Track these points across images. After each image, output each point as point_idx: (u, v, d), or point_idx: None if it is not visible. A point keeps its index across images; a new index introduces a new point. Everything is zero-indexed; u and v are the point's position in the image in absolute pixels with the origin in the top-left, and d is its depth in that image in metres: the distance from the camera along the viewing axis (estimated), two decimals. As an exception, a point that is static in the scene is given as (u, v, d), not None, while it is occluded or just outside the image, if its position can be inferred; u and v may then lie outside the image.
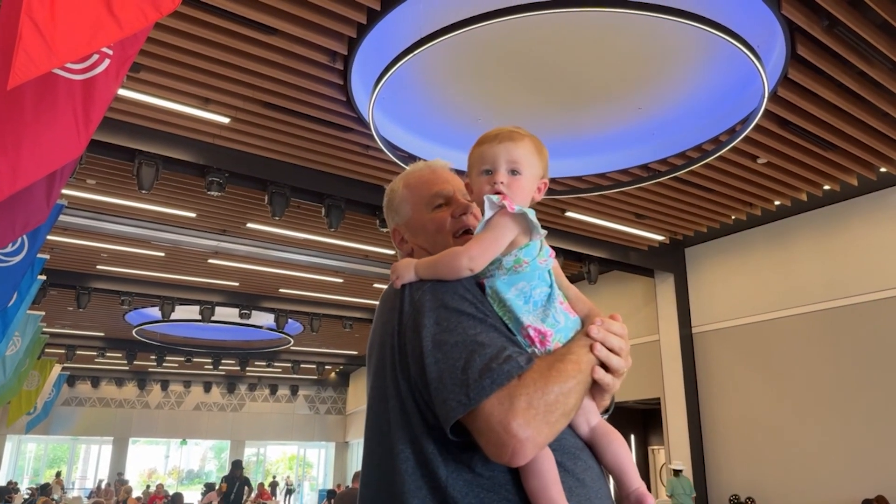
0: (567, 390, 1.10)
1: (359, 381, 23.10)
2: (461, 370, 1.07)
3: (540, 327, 1.16)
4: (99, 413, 21.69)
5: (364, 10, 4.68)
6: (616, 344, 1.17)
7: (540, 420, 1.06)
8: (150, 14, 1.83)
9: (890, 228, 7.80)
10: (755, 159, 6.76)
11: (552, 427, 1.08)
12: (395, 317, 1.18)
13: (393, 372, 1.16)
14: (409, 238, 1.48)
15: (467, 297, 1.17)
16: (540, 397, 1.07)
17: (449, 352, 1.09)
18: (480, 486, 1.10)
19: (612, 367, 1.15)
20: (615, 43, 5.24)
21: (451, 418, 1.06)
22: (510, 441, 1.04)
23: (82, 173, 7.10)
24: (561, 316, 1.18)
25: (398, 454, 1.13)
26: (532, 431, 1.05)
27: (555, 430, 1.09)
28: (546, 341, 1.16)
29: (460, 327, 1.12)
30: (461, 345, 1.10)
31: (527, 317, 1.16)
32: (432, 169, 1.54)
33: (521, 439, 1.04)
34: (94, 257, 10.72)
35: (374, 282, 12.02)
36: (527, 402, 1.06)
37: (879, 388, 7.60)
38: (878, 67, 5.20)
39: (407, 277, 1.20)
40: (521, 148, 1.26)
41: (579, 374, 1.12)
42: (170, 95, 5.72)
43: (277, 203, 7.14)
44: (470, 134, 6.54)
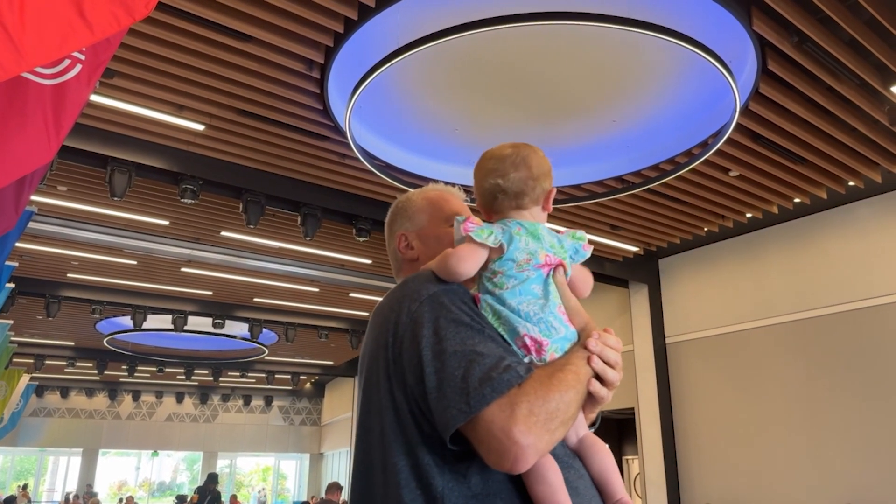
0: (568, 400, 1.12)
1: (334, 391, 22.92)
2: (461, 379, 1.09)
3: (536, 336, 1.18)
4: (68, 424, 21.28)
5: (341, 19, 4.68)
6: (612, 357, 1.21)
7: (541, 427, 1.08)
8: (123, 19, 1.82)
9: (858, 241, 7.94)
10: (727, 172, 6.86)
11: (552, 435, 1.10)
12: (390, 329, 1.20)
13: (388, 383, 1.18)
14: (416, 245, 1.55)
15: (464, 308, 1.19)
16: (541, 405, 1.09)
17: (448, 361, 1.11)
18: (476, 497, 1.11)
19: (607, 380, 1.20)
20: (591, 56, 5.30)
21: (452, 426, 1.07)
22: (512, 447, 1.05)
23: (53, 179, 7.00)
24: (559, 325, 1.20)
25: (393, 466, 1.14)
26: (533, 438, 1.07)
27: (555, 439, 1.10)
28: (542, 350, 1.18)
29: (458, 337, 1.14)
30: (460, 354, 1.11)
31: (522, 326, 1.18)
32: (451, 192, 1.65)
33: (522, 446, 1.06)
34: (65, 265, 10.55)
35: (350, 291, 11.97)
36: (528, 410, 1.08)
37: (849, 398, 7.71)
38: (846, 83, 5.31)
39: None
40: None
41: (578, 384, 1.15)
42: (143, 102, 5.67)
43: (252, 211, 7.10)
44: (447, 144, 6.58)
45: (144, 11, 1.84)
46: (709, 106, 5.88)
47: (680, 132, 6.25)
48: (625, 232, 8.64)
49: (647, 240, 9.08)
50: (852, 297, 7.90)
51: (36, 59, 1.69)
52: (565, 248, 1.29)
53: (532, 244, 1.25)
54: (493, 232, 1.24)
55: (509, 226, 1.26)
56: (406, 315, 1.19)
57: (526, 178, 1.31)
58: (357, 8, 4.58)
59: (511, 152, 1.35)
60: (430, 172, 6.87)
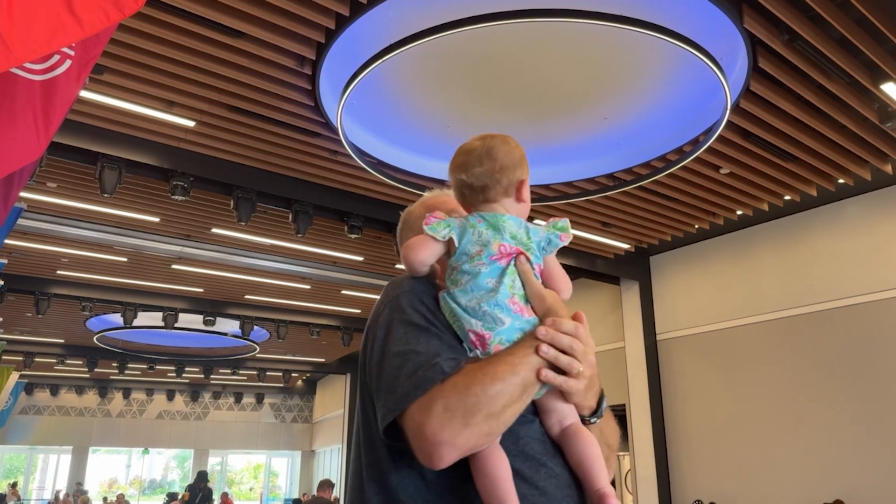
0: (494, 393, 1.10)
1: (326, 388, 22.90)
2: (393, 378, 1.13)
3: (478, 330, 1.17)
4: (58, 422, 21.18)
5: (333, 16, 4.67)
6: (565, 343, 1.16)
7: (457, 423, 1.08)
8: (113, 15, 1.80)
9: (847, 238, 7.99)
10: (718, 170, 6.88)
11: (474, 429, 1.09)
12: (366, 332, 1.27)
13: (360, 385, 1.25)
14: None
15: (419, 308, 1.22)
16: (458, 400, 1.09)
17: (389, 362, 1.15)
18: (429, 491, 1.13)
19: (562, 368, 1.15)
20: (583, 53, 5.31)
21: (382, 425, 1.12)
22: (426, 445, 1.08)
23: (42, 176, 6.95)
24: (505, 317, 1.18)
25: (361, 463, 1.21)
26: (447, 434, 1.08)
27: (479, 432, 1.09)
28: (486, 344, 1.17)
29: (404, 338, 1.17)
30: (400, 355, 1.15)
31: (467, 321, 1.18)
32: (448, 194, 1.57)
33: (434, 443, 1.07)
34: (55, 262, 10.49)
35: (341, 288, 11.95)
36: (443, 406, 1.09)
37: (839, 394, 7.76)
38: (837, 81, 5.34)
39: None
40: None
41: (513, 375, 1.12)
42: (134, 98, 5.64)
43: (243, 208, 7.07)
44: (439, 141, 6.57)
45: (134, 7, 1.83)
46: (700, 104, 5.90)
47: (671, 130, 6.27)
48: (616, 229, 8.66)
49: (638, 237, 9.10)
50: (842, 293, 7.95)
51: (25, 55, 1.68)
52: (533, 238, 1.25)
53: (487, 235, 1.23)
54: (450, 226, 1.25)
55: (468, 219, 1.25)
56: (372, 319, 1.25)
57: (490, 171, 1.30)
58: (349, 4, 4.56)
59: (478, 145, 1.34)
60: (421, 169, 6.86)
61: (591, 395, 1.24)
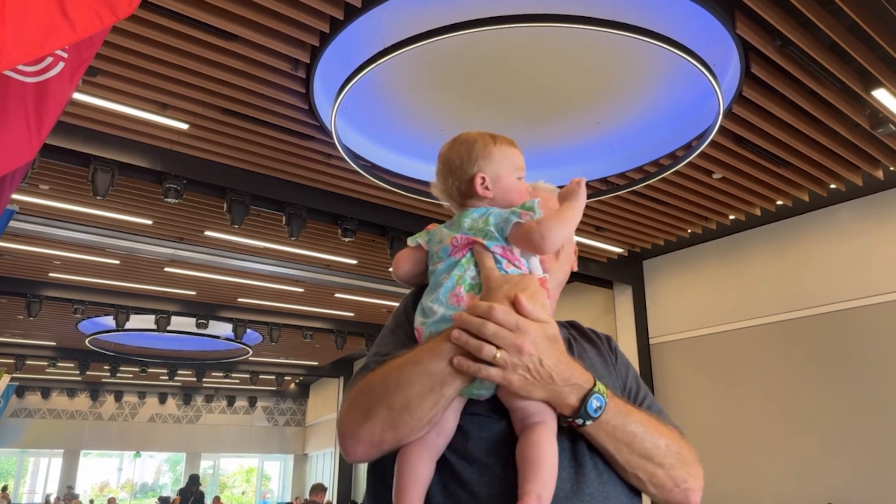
0: (394, 384, 1.08)
1: (319, 392, 22.85)
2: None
3: (417, 325, 1.19)
4: (49, 425, 21.06)
5: (327, 19, 4.67)
6: (474, 326, 1.06)
7: (358, 415, 1.10)
8: (106, 17, 1.80)
9: (839, 243, 8.03)
10: (711, 174, 6.91)
11: (375, 421, 1.08)
12: None
13: None
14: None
15: (399, 312, 1.29)
16: (363, 394, 1.12)
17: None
18: (384, 486, 1.15)
19: (481, 355, 1.05)
20: (577, 58, 5.32)
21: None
22: (339, 437, 1.13)
23: (35, 178, 6.93)
24: (437, 308, 1.16)
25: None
26: (349, 426, 1.11)
27: (382, 425, 1.08)
28: (420, 337, 1.17)
29: (378, 341, 1.27)
30: (369, 356, 1.24)
31: (415, 318, 1.21)
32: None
33: (341, 434, 1.13)
34: (47, 264, 10.44)
35: (335, 292, 11.93)
36: (352, 400, 1.14)
37: (831, 399, 7.79)
38: (828, 87, 5.36)
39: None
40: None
41: (415, 365, 1.08)
42: (127, 100, 5.63)
43: (237, 211, 7.06)
44: (433, 145, 6.57)
45: (128, 10, 1.83)
46: (693, 109, 5.92)
47: (664, 134, 6.29)
48: (609, 233, 8.68)
49: (631, 241, 9.12)
50: (834, 298, 7.99)
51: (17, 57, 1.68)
52: (492, 222, 1.21)
53: (443, 233, 1.24)
54: (425, 234, 1.29)
55: (441, 224, 1.28)
56: None
57: (444, 182, 1.32)
58: (343, 8, 4.57)
59: (437, 160, 1.35)
60: (415, 173, 6.86)
61: (555, 390, 1.09)
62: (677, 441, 1.20)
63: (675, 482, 1.17)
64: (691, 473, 1.20)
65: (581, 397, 1.09)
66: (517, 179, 1.30)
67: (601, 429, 1.12)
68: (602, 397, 1.11)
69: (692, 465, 1.21)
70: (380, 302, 12.59)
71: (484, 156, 1.29)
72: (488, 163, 1.29)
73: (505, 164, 1.29)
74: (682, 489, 1.18)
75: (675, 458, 1.17)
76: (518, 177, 1.31)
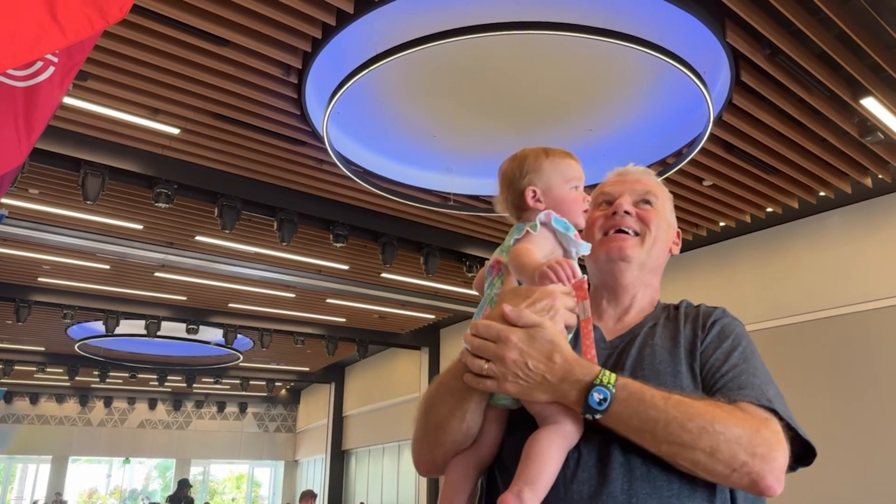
0: (428, 405, 1.21)
1: (310, 398, 22.77)
2: None
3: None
4: (37, 431, 20.89)
5: (319, 25, 4.68)
6: (473, 344, 1.12)
7: (415, 437, 1.26)
8: (97, 22, 1.80)
9: (828, 250, 8.07)
10: (701, 181, 6.94)
11: (422, 442, 1.23)
12: None
13: None
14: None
15: None
16: (417, 417, 1.25)
17: None
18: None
19: (473, 370, 1.12)
20: (568, 65, 5.35)
21: None
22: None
23: (25, 182, 6.89)
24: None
25: None
26: (413, 447, 1.27)
27: (427, 445, 1.22)
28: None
29: None
30: None
31: None
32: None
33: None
34: (36, 269, 10.38)
35: (326, 297, 11.91)
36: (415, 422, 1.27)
37: (820, 405, 7.82)
38: (817, 95, 5.40)
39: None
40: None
41: (440, 386, 1.20)
42: (118, 105, 5.61)
43: (228, 216, 7.04)
44: (425, 150, 6.59)
45: (119, 15, 1.83)
46: (683, 116, 5.95)
47: (655, 142, 6.32)
48: (601, 240, 8.69)
49: (622, 248, 9.14)
50: (823, 305, 8.02)
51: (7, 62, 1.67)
52: (513, 236, 1.26)
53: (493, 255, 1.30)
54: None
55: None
56: None
57: (503, 197, 1.36)
58: (335, 14, 4.57)
59: (497, 177, 1.42)
60: (408, 178, 6.87)
61: (554, 389, 1.09)
62: (724, 420, 1.07)
63: (730, 466, 1.05)
64: (755, 454, 1.05)
65: (581, 391, 1.08)
66: (571, 189, 1.31)
67: (616, 420, 1.07)
68: (606, 389, 1.07)
69: (757, 446, 1.06)
70: (371, 307, 12.57)
71: (534, 169, 1.32)
72: (538, 175, 1.31)
73: (556, 176, 1.31)
74: (743, 473, 1.05)
75: (715, 440, 1.05)
76: (573, 186, 1.32)
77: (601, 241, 1.40)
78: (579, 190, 1.32)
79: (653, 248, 1.39)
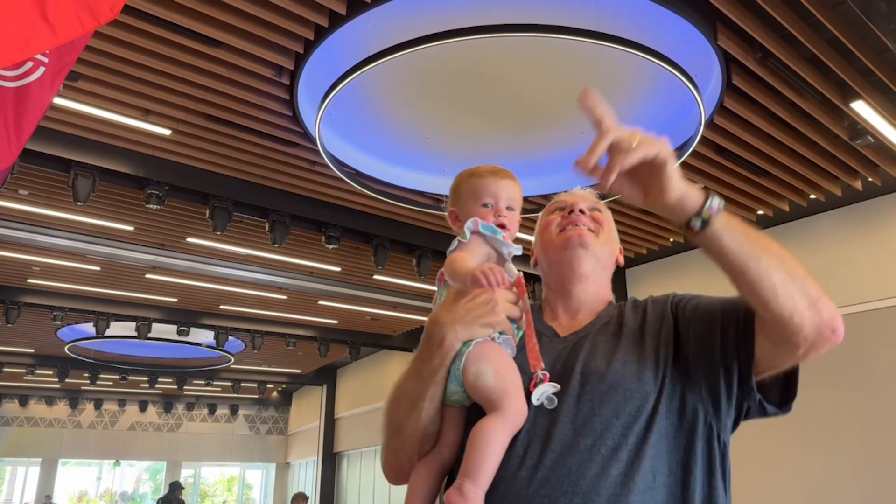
0: (387, 410, 1.36)
1: (301, 400, 22.70)
2: None
3: None
4: (27, 433, 20.74)
5: (312, 26, 4.67)
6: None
7: (382, 447, 1.40)
8: (88, 23, 1.79)
9: (819, 252, 8.11)
10: (692, 184, 6.95)
11: (386, 448, 1.37)
12: None
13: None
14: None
15: None
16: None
17: None
18: None
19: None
20: (561, 68, 5.35)
21: None
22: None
23: (14, 183, 6.85)
24: None
25: None
26: (381, 457, 1.41)
27: (390, 449, 1.36)
28: None
29: None
30: None
31: None
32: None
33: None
34: (26, 271, 10.31)
35: (318, 299, 11.88)
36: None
37: (811, 407, 7.84)
38: (808, 99, 5.43)
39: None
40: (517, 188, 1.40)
41: (395, 390, 1.36)
42: (109, 105, 5.58)
43: (219, 217, 7.02)
44: (418, 152, 6.58)
45: (110, 15, 1.82)
46: (674, 119, 5.97)
47: (647, 144, 6.33)
48: (593, 242, 8.71)
49: (614, 250, 9.16)
50: (813, 307, 8.06)
51: (-3, 62, 1.66)
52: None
53: None
54: None
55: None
56: None
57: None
58: (328, 15, 4.57)
59: None
60: (400, 180, 6.86)
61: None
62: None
63: (810, 297, 1.13)
64: (823, 296, 1.13)
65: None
66: (481, 207, 1.36)
67: (727, 230, 1.21)
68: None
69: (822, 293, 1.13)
70: (363, 309, 12.55)
71: (453, 192, 1.42)
72: (456, 198, 1.40)
73: (468, 198, 1.37)
74: (822, 306, 1.14)
75: (801, 271, 1.15)
76: (484, 204, 1.36)
77: (558, 234, 1.47)
78: (492, 206, 1.36)
79: (605, 245, 1.49)
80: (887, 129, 5.79)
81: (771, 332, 1.10)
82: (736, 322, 1.23)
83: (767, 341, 1.18)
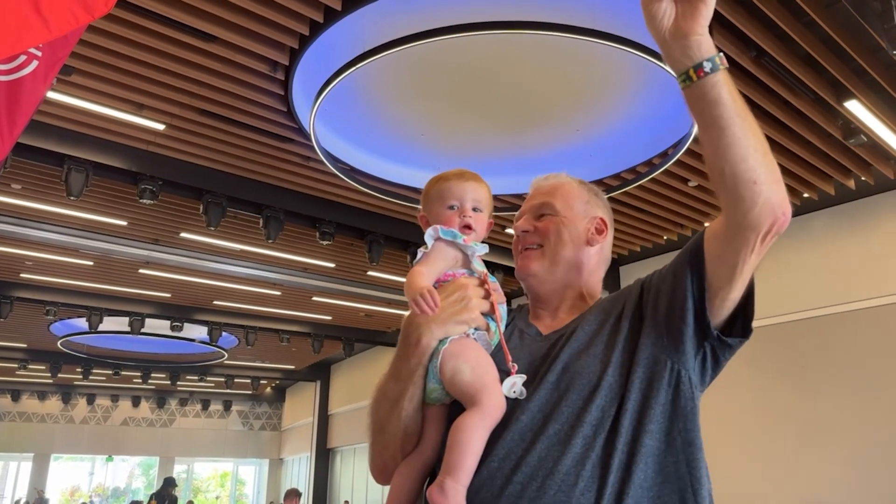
0: (370, 411, 1.35)
1: (295, 396, 22.69)
2: None
3: None
4: (19, 428, 20.68)
5: (307, 22, 4.66)
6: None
7: (368, 448, 1.39)
8: (82, 16, 1.78)
9: (812, 251, 8.15)
10: (687, 182, 6.98)
11: (371, 449, 1.36)
12: None
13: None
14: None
15: None
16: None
17: None
18: None
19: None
20: (556, 65, 5.36)
21: None
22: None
23: (7, 177, 6.82)
24: None
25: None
26: (368, 459, 1.42)
27: (375, 450, 1.34)
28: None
29: None
30: None
31: None
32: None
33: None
34: (19, 265, 10.27)
35: (312, 295, 11.88)
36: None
37: (804, 404, 7.90)
38: (802, 98, 5.45)
39: None
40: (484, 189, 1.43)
41: (377, 391, 1.35)
42: (102, 100, 5.56)
43: (213, 213, 7.00)
44: (412, 149, 6.58)
45: (104, 9, 1.81)
46: (669, 117, 5.98)
47: (641, 142, 6.35)
48: (587, 239, 8.72)
49: (608, 247, 9.17)
50: (806, 305, 8.10)
51: (-11, 55, 1.65)
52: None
53: None
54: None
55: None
56: None
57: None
58: (323, 11, 4.56)
59: None
60: (395, 177, 6.86)
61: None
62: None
63: (774, 176, 1.12)
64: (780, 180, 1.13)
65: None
66: (447, 209, 1.39)
67: (718, 89, 1.13)
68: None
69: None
70: (357, 305, 12.54)
71: (423, 198, 1.46)
72: (425, 203, 1.44)
73: (436, 202, 1.41)
74: (778, 189, 1.12)
75: (767, 148, 1.12)
76: (449, 206, 1.39)
77: (516, 260, 1.54)
78: (457, 208, 1.39)
79: (558, 252, 1.47)
80: (881, 128, 5.81)
81: (729, 210, 1.13)
82: (681, 262, 1.28)
83: (717, 242, 1.21)
